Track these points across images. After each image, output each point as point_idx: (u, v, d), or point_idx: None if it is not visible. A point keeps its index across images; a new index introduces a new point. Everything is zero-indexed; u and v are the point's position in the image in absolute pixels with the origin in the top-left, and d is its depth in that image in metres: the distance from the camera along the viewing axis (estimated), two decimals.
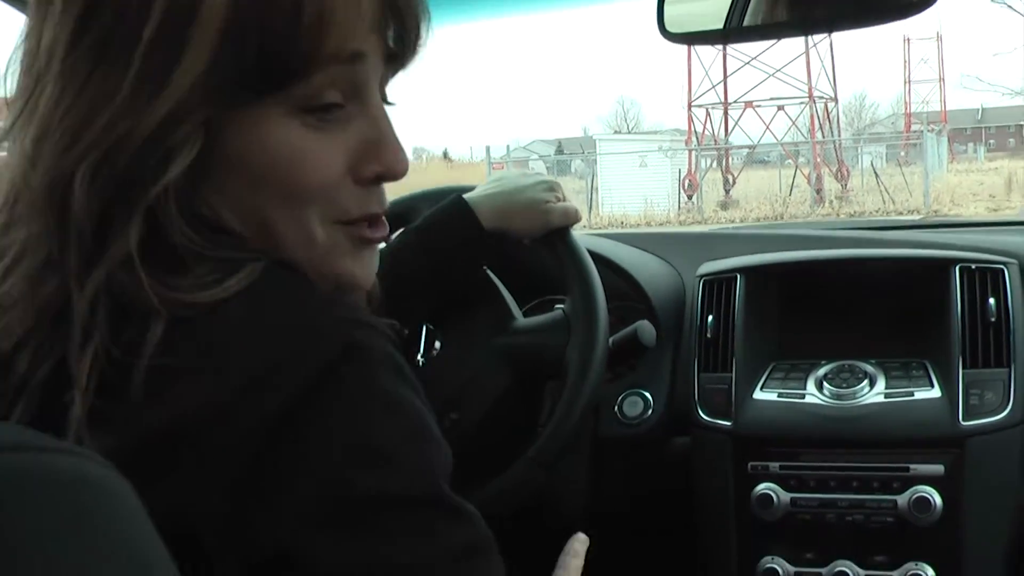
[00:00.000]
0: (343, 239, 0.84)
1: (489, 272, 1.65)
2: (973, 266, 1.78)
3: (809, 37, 25.17)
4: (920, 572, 1.67)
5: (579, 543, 1.21)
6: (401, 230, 1.62)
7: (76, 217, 0.72)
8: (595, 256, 1.64)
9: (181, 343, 0.70)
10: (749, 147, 29.93)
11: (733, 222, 21.37)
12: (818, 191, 24.45)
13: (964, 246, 1.87)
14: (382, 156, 0.83)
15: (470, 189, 1.62)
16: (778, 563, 1.75)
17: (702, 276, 1.92)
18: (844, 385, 1.75)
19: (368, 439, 0.71)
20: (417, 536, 0.71)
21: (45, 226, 0.73)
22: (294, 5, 0.74)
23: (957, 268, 1.78)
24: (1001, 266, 1.77)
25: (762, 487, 1.74)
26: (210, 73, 0.73)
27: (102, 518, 0.52)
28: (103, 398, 0.68)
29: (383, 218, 0.87)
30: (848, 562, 1.71)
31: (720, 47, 24.55)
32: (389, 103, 0.86)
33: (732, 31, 1.61)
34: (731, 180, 27.30)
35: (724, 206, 24.84)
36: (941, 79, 38.20)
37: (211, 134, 0.76)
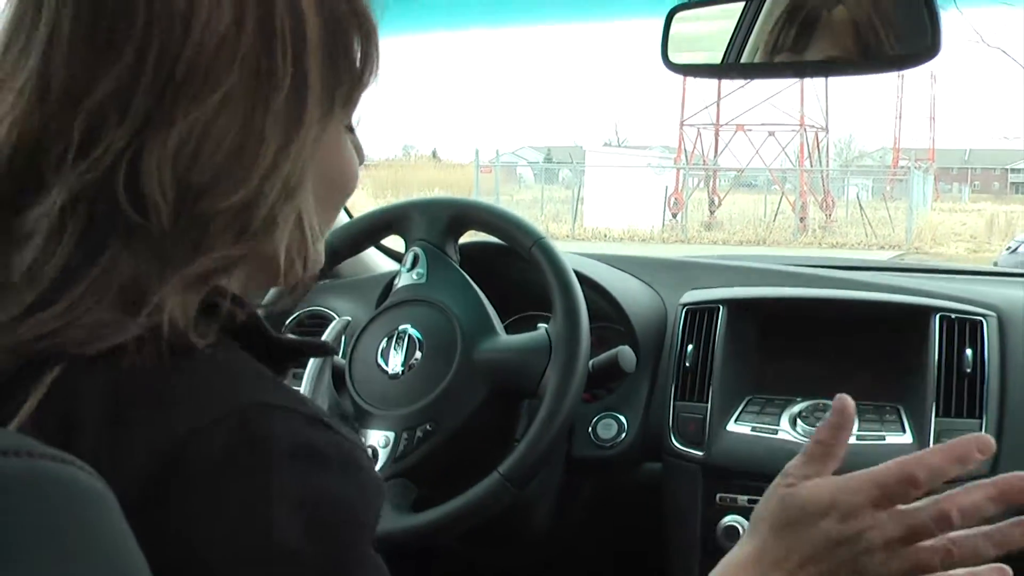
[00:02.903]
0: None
1: (473, 284, 1.66)
2: (953, 315, 1.79)
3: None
4: None
5: None
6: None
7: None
8: (580, 276, 1.65)
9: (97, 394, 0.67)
10: (737, 170, 30.04)
11: (716, 243, 21.48)
12: (802, 219, 24.57)
13: (945, 295, 1.88)
14: (362, 155, 0.89)
15: (463, 202, 1.64)
16: None
17: (685, 305, 1.93)
18: (817, 424, 1.76)
19: (266, 538, 0.66)
20: None
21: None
22: (365, 28, 0.80)
23: (937, 316, 1.79)
24: (980, 318, 1.79)
25: (729, 519, 1.75)
26: (324, 95, 0.77)
27: (90, 524, 0.53)
28: None
29: None
30: None
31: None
32: None
33: (729, 67, 1.62)
34: (717, 201, 27.42)
35: (708, 227, 24.95)
36: (932, 117, 38.41)
37: None
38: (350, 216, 2.27)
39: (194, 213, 0.70)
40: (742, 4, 1.57)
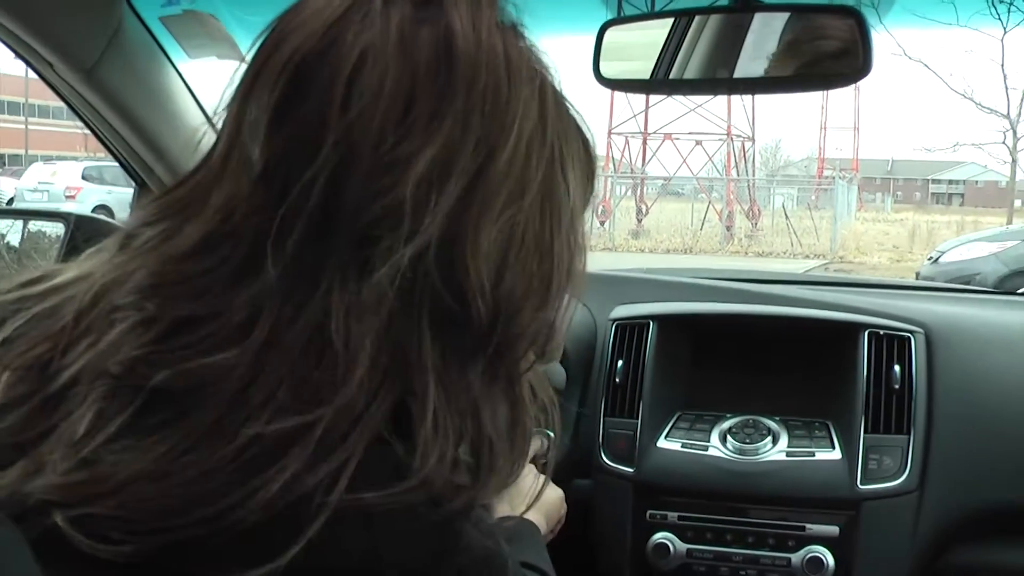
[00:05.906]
0: None
1: None
2: (881, 332, 1.81)
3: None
4: None
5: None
6: None
7: None
8: None
9: None
10: (665, 178, 30.27)
11: (643, 251, 21.59)
12: (728, 228, 24.79)
13: (873, 311, 1.89)
14: None
15: None
16: None
17: (615, 320, 1.92)
18: (747, 440, 1.76)
19: None
20: None
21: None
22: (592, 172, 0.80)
23: (866, 333, 1.80)
24: (908, 334, 1.80)
25: (659, 536, 1.75)
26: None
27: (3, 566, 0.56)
28: None
29: None
30: None
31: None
32: None
33: (659, 83, 1.62)
34: (644, 209, 27.55)
35: (635, 235, 25.06)
36: (856, 128, 39.05)
37: None
38: None
39: (508, 327, 0.70)
40: (672, 20, 1.57)
